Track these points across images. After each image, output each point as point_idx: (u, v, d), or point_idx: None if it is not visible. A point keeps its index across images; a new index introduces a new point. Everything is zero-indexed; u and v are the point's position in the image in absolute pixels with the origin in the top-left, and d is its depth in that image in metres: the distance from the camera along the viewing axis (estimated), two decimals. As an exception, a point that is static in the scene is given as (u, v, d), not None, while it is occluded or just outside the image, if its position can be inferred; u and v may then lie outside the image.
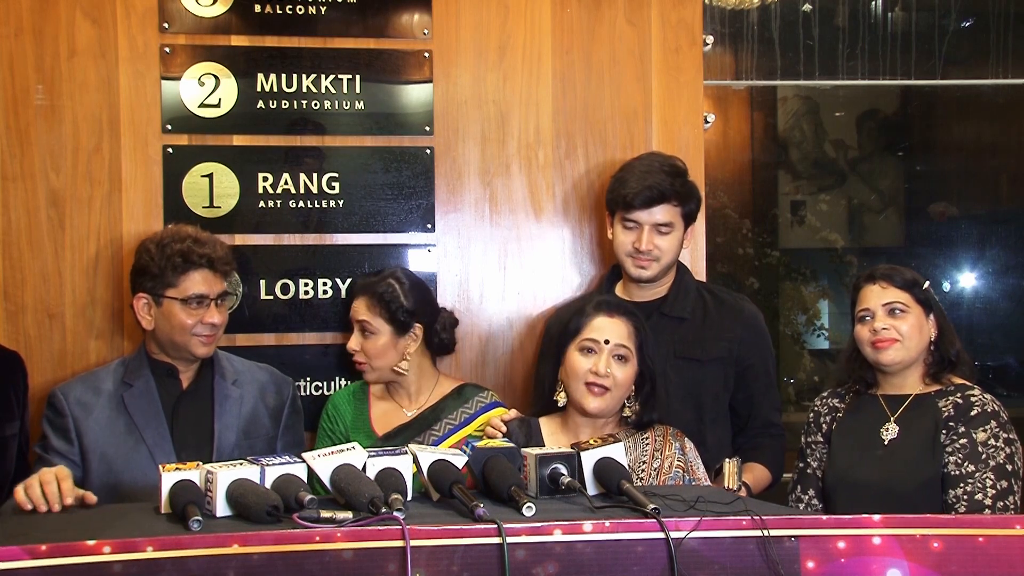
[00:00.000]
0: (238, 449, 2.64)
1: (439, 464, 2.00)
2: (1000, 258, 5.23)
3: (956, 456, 2.54)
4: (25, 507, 2.04)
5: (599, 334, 2.53)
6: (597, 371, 2.50)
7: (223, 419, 2.69)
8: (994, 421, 2.56)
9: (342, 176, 3.17)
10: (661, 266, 2.89)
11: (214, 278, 2.65)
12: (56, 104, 3.02)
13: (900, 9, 4.27)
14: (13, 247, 3.01)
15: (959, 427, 2.57)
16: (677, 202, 2.86)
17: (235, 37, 3.13)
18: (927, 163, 5.72)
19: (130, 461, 2.59)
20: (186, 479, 1.92)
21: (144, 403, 2.64)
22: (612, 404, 2.54)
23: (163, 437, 2.62)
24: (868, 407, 2.73)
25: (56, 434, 2.61)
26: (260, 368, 2.85)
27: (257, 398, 2.77)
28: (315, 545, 1.69)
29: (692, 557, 1.77)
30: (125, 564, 1.63)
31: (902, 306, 2.65)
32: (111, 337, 3.04)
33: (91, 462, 2.59)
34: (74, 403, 2.62)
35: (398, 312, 2.80)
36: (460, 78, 3.24)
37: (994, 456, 2.52)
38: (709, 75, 3.71)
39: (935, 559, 1.79)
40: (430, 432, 2.80)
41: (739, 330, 2.92)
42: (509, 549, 1.71)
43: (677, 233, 2.89)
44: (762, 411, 2.95)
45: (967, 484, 2.51)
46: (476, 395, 2.87)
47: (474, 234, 3.25)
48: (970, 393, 2.62)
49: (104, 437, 2.60)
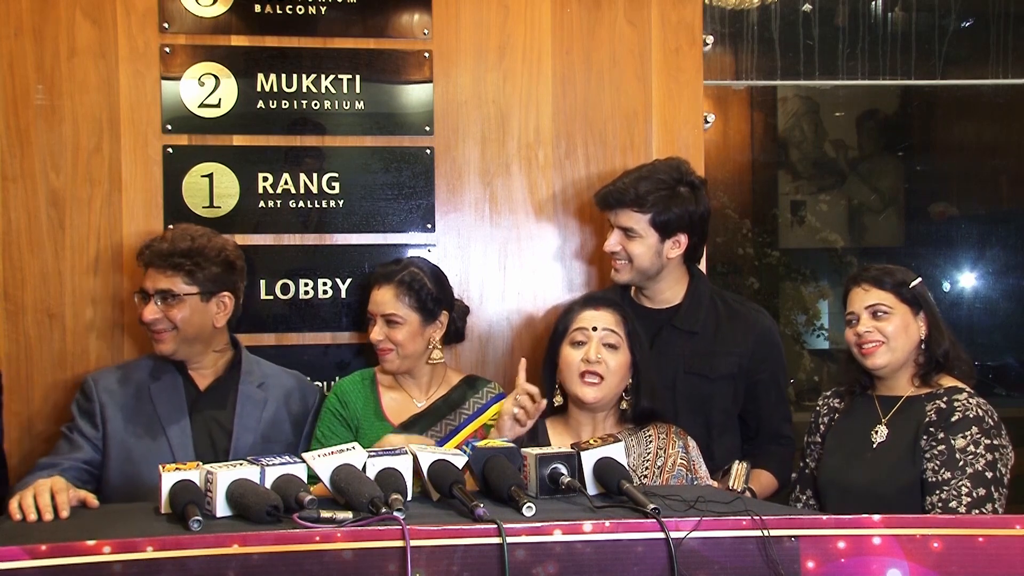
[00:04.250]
0: (256, 452, 2.61)
1: (439, 464, 2.00)
2: (1000, 258, 5.24)
3: (934, 463, 2.52)
4: (15, 517, 1.99)
5: (587, 324, 2.57)
6: (588, 358, 2.52)
7: (243, 420, 2.70)
8: (976, 427, 2.51)
9: (342, 176, 3.17)
10: (634, 271, 2.87)
11: (156, 274, 2.66)
12: (56, 104, 3.02)
13: (900, 9, 4.28)
14: (13, 247, 3.01)
15: (938, 432, 2.54)
16: (637, 208, 2.82)
17: (235, 37, 3.13)
18: (927, 163, 5.73)
19: (149, 453, 2.61)
20: (186, 479, 1.92)
21: (169, 396, 2.69)
22: (608, 393, 2.55)
23: (184, 433, 2.65)
24: (862, 408, 2.72)
25: (84, 418, 2.68)
26: (288, 374, 2.87)
27: (281, 404, 2.78)
28: (315, 545, 1.69)
29: (692, 557, 1.77)
30: (125, 564, 1.63)
31: (885, 308, 2.63)
32: (111, 337, 3.04)
33: (111, 449, 2.64)
34: (103, 390, 2.69)
35: (427, 300, 2.78)
36: (460, 78, 3.24)
37: (972, 463, 2.47)
38: (709, 75, 3.71)
39: (935, 559, 1.79)
40: (446, 422, 2.79)
41: (751, 344, 2.88)
42: (509, 549, 1.71)
43: (647, 240, 2.84)
44: (772, 423, 2.94)
45: (942, 491, 2.47)
46: (485, 386, 2.87)
47: (474, 234, 3.25)
48: (955, 397, 2.58)
49: (126, 427, 2.66)
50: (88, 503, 2.09)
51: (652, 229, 2.84)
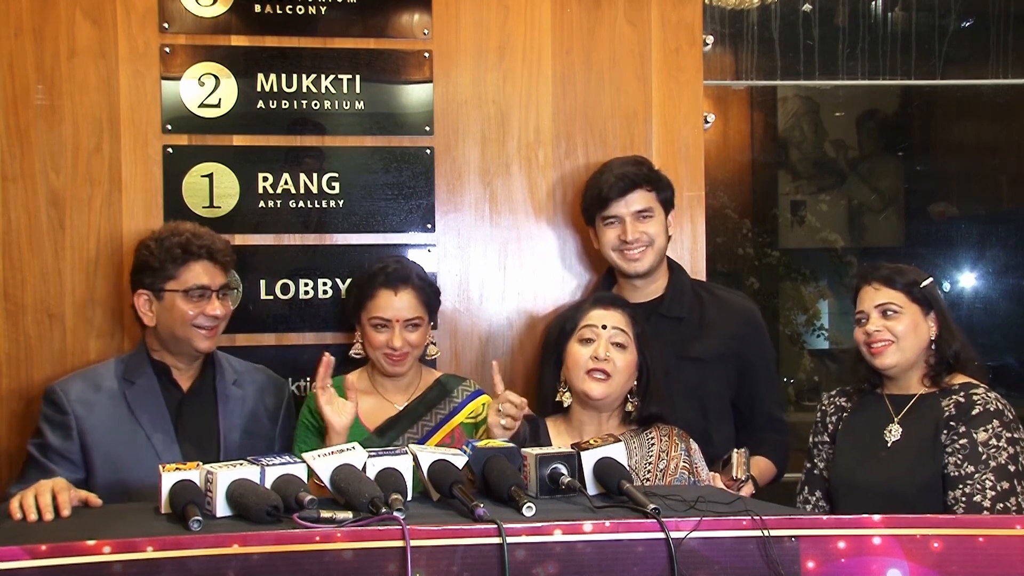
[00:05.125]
0: (241, 448, 2.64)
1: (439, 464, 2.00)
2: (1000, 258, 5.23)
3: (956, 456, 2.51)
4: (15, 516, 1.98)
5: (597, 322, 2.58)
6: (597, 355, 2.53)
7: (228, 418, 2.69)
8: (996, 420, 2.51)
9: (342, 176, 3.17)
10: (654, 252, 2.92)
11: (215, 269, 2.65)
12: (56, 104, 3.02)
13: (900, 9, 4.27)
14: (13, 247, 3.01)
15: (959, 427, 2.53)
16: (651, 187, 2.93)
17: (235, 37, 3.13)
18: (927, 163, 5.73)
19: (137, 460, 2.55)
20: (186, 479, 1.91)
21: (148, 401, 2.63)
22: (614, 390, 2.55)
23: (169, 435, 2.61)
24: (873, 407, 2.71)
25: (55, 431, 2.58)
26: (258, 369, 2.86)
27: (257, 398, 2.78)
28: (315, 545, 1.69)
29: (692, 557, 1.77)
30: (125, 564, 1.63)
31: (895, 307, 2.63)
32: (111, 337, 3.04)
33: (94, 461, 2.56)
34: (75, 400, 2.59)
35: (436, 297, 2.85)
36: (460, 78, 3.24)
37: (995, 456, 2.48)
38: (709, 75, 3.71)
39: (935, 559, 1.79)
40: (422, 423, 2.78)
41: (737, 326, 2.94)
42: (509, 549, 1.71)
43: (659, 218, 2.94)
44: (764, 406, 2.96)
45: (966, 485, 2.48)
46: (459, 384, 2.85)
47: (474, 234, 3.25)
48: (973, 392, 2.58)
49: (108, 436, 2.58)
50: (90, 503, 2.08)
51: (661, 207, 2.96)
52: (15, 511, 1.99)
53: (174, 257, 2.61)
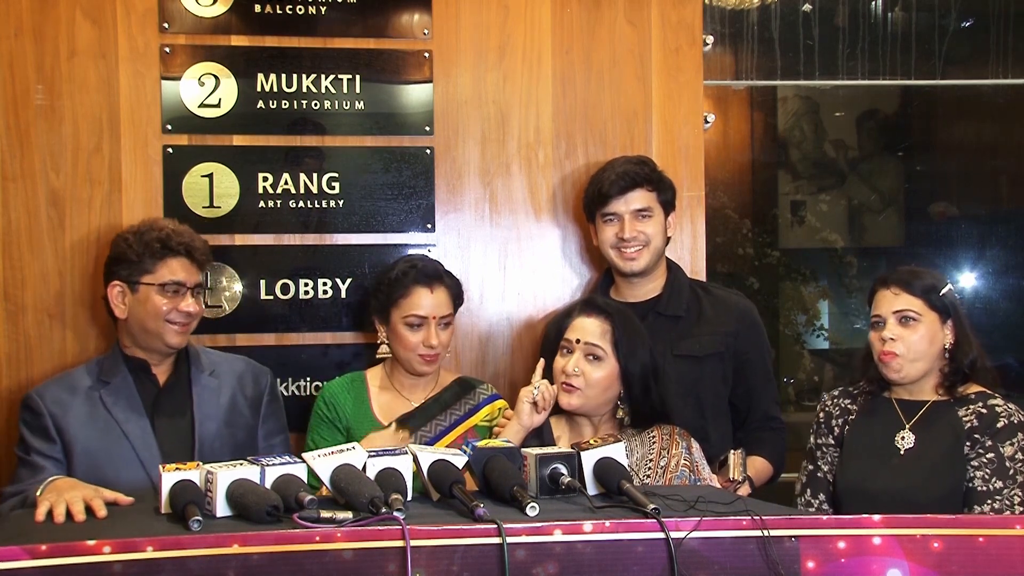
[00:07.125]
0: (219, 439, 2.64)
1: (439, 464, 2.00)
2: (1000, 258, 5.23)
3: (983, 471, 2.47)
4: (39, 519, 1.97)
5: (573, 334, 2.60)
6: (566, 370, 2.56)
7: (203, 409, 2.68)
8: (1021, 433, 2.48)
9: (342, 176, 3.17)
10: (650, 252, 2.92)
11: (191, 267, 2.65)
12: (56, 104, 3.02)
13: (900, 9, 4.27)
14: (13, 247, 3.01)
15: (985, 440, 2.49)
16: (651, 187, 2.94)
17: (235, 37, 3.13)
18: (927, 163, 5.73)
19: (114, 456, 2.56)
20: (186, 479, 1.92)
21: (122, 399, 2.63)
22: (586, 403, 2.57)
23: (145, 431, 2.60)
24: (882, 412, 2.65)
25: (36, 435, 2.58)
26: (237, 359, 2.84)
27: (235, 388, 2.75)
28: (315, 545, 1.69)
29: (692, 557, 1.77)
30: (125, 564, 1.63)
31: (914, 314, 2.57)
32: (111, 337, 3.03)
33: (75, 458, 2.56)
34: (51, 402, 2.60)
35: (462, 295, 2.86)
36: (460, 78, 3.24)
37: (1022, 471, 2.45)
38: (709, 75, 3.71)
39: (935, 559, 1.79)
40: (436, 422, 2.77)
41: (734, 324, 2.94)
42: (509, 549, 1.71)
43: (658, 219, 2.95)
44: (761, 404, 2.97)
45: (994, 501, 2.44)
46: (478, 386, 2.86)
47: (474, 234, 3.25)
48: (994, 403, 2.54)
49: (85, 433, 2.58)
50: (120, 502, 2.07)
51: (661, 208, 2.96)
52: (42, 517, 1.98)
53: (152, 251, 2.62)
